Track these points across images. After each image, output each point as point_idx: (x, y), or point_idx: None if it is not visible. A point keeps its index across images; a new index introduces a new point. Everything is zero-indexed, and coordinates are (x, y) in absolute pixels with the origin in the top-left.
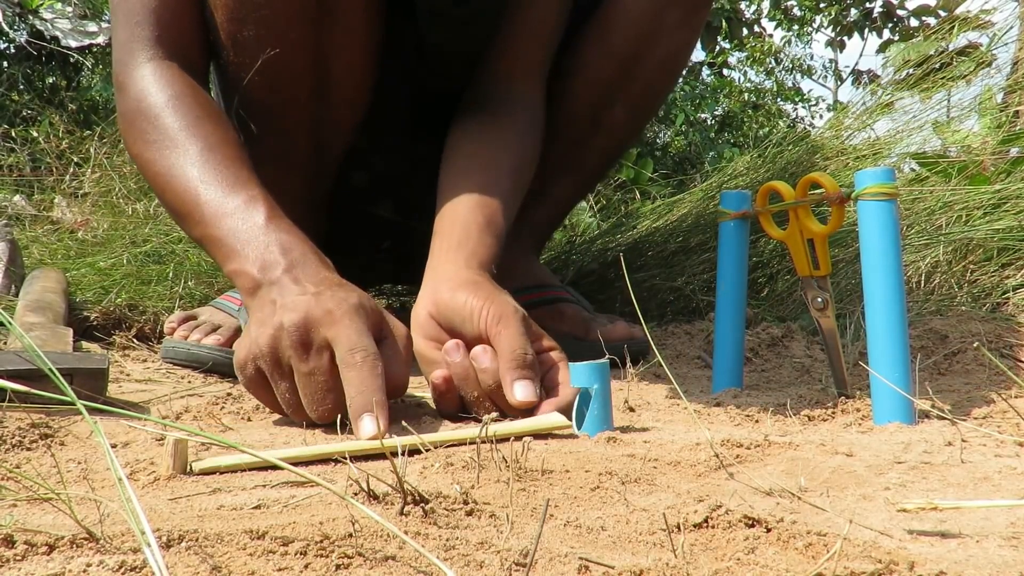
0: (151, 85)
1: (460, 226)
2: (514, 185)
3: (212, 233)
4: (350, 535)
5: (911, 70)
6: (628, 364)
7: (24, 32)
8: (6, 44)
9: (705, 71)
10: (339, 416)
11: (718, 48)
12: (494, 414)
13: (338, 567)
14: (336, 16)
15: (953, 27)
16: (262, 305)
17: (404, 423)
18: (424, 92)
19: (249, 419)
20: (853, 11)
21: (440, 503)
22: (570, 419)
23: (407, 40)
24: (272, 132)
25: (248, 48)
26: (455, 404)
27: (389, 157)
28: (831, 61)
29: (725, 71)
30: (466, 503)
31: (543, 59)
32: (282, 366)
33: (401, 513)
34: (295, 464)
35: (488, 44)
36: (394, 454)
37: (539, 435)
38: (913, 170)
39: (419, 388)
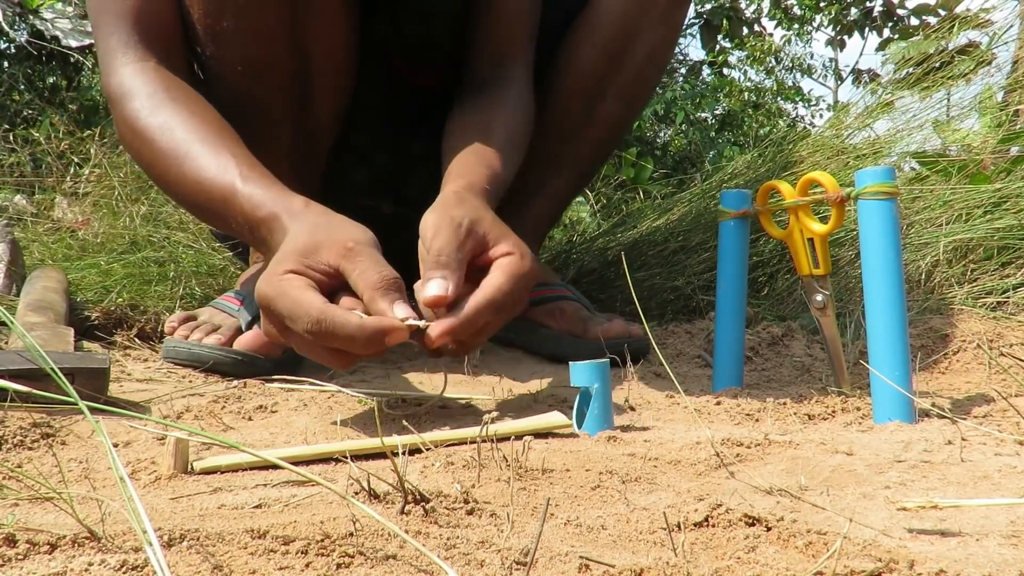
0: (130, 89)
1: (456, 169)
2: (505, 142)
3: (257, 216)
4: (351, 534)
5: (911, 69)
6: (628, 363)
7: (24, 32)
8: (6, 44)
9: (705, 70)
10: (338, 416)
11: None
12: (494, 413)
13: (339, 566)
14: (311, 1)
15: (953, 26)
16: None
17: (404, 422)
18: (407, 82)
19: (250, 419)
20: (853, 10)
21: (441, 502)
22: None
23: (384, 28)
24: (259, 122)
25: (227, 40)
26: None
27: (390, 154)
28: (831, 60)
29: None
30: (467, 502)
31: (524, 38)
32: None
33: (402, 512)
34: (296, 463)
35: (464, 33)
36: (395, 453)
37: (540, 434)
38: (913, 169)
39: (420, 387)
